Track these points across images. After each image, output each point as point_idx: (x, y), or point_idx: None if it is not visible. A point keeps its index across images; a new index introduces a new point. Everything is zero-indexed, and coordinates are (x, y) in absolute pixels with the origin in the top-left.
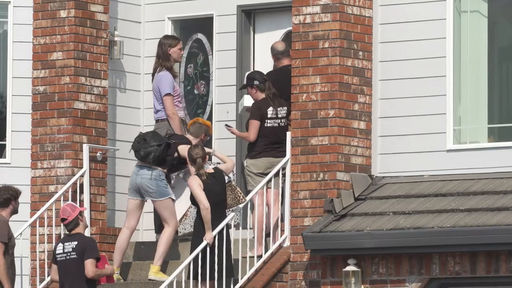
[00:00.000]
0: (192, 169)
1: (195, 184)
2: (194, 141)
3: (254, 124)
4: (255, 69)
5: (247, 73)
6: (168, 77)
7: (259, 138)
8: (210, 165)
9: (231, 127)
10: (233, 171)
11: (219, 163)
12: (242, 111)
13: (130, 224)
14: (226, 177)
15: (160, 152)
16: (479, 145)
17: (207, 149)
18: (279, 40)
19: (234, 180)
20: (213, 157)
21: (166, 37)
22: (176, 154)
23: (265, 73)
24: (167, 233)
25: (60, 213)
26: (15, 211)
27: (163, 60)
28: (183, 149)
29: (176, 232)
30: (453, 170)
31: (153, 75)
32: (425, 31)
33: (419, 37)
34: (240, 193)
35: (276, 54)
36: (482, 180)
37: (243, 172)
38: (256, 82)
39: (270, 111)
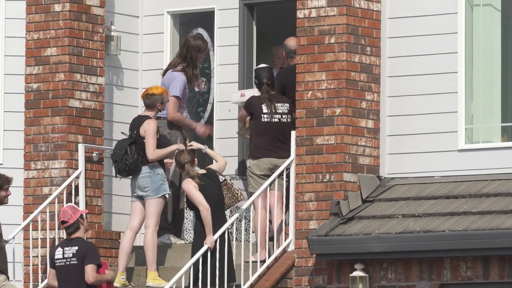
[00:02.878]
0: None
1: (191, 186)
2: (151, 113)
3: (242, 112)
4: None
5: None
6: (182, 79)
7: (259, 136)
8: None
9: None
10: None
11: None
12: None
13: (133, 225)
14: (220, 177)
15: (131, 158)
16: (492, 145)
17: (199, 146)
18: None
19: (231, 178)
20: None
21: (195, 38)
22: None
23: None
24: (149, 235)
25: (60, 215)
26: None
27: (187, 66)
28: (147, 123)
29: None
30: (465, 171)
31: (166, 70)
32: (436, 25)
33: (430, 31)
34: (237, 190)
35: (288, 53)
36: (496, 181)
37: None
38: (255, 81)
39: (264, 106)
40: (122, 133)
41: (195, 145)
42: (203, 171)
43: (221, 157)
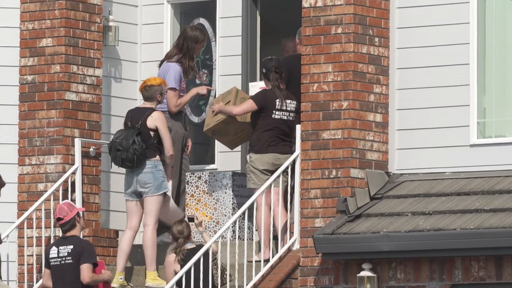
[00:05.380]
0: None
1: (170, 269)
2: (152, 105)
3: (250, 104)
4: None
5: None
6: (177, 69)
7: (266, 131)
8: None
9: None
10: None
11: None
12: None
13: (132, 224)
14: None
15: (140, 148)
16: (506, 140)
17: (199, 218)
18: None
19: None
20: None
21: (194, 29)
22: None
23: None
24: (149, 233)
25: (56, 212)
26: None
27: (183, 57)
28: (157, 117)
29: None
30: (477, 167)
31: (163, 61)
32: (447, 15)
33: (441, 22)
34: (227, 272)
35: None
36: (509, 178)
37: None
38: (263, 70)
39: (278, 101)
40: (126, 124)
41: (200, 218)
42: (192, 246)
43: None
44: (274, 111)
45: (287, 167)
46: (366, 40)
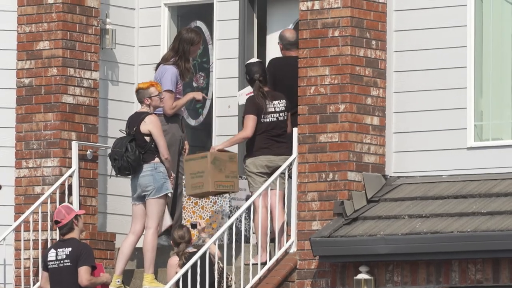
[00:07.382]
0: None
1: (172, 271)
2: (147, 109)
3: (251, 119)
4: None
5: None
6: (174, 72)
7: (258, 135)
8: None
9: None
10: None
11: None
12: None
13: (135, 228)
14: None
15: (132, 155)
16: (503, 142)
17: (202, 224)
18: (289, 28)
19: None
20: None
21: (189, 31)
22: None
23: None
24: (150, 237)
25: (54, 215)
26: None
27: (179, 59)
28: (149, 121)
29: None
30: (475, 170)
31: (159, 64)
32: (444, 18)
33: (438, 25)
34: (229, 275)
35: (285, 44)
36: (506, 181)
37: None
38: (246, 77)
39: (267, 105)
40: (121, 130)
41: (202, 225)
42: (194, 250)
43: (218, 252)
44: (263, 115)
45: (284, 170)
46: (363, 43)
